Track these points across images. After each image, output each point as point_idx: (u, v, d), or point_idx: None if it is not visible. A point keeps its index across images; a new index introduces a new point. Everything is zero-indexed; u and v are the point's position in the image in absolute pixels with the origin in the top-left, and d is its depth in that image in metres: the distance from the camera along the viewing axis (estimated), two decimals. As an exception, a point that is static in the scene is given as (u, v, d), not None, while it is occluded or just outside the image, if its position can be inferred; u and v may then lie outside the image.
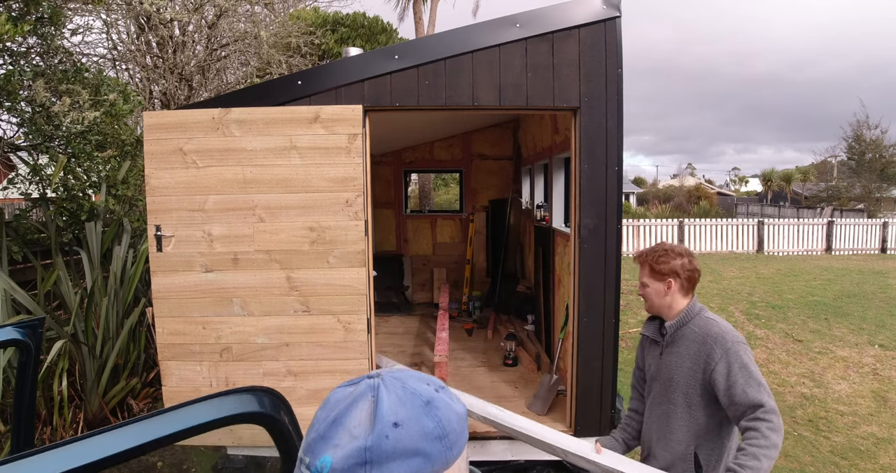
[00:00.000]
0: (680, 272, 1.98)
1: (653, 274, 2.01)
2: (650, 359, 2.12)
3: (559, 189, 5.06)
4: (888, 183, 21.03)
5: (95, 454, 1.01)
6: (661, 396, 2.03)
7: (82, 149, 4.61)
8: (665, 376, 2.01)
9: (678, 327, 1.99)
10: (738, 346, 1.87)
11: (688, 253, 2.03)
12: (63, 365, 3.79)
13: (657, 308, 2.05)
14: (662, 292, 2.01)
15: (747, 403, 1.77)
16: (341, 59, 3.39)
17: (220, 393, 1.25)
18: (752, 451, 1.72)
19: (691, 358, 1.93)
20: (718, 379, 1.84)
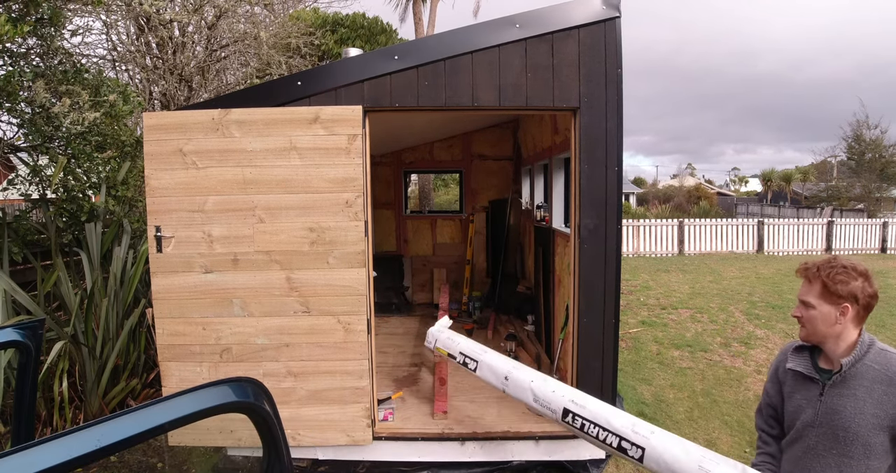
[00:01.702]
0: (860, 296, 1.63)
1: (824, 295, 1.65)
2: (801, 401, 1.74)
3: (559, 189, 5.06)
4: (888, 183, 21.02)
5: (80, 449, 1.02)
6: (829, 449, 1.67)
7: (82, 149, 4.61)
8: (835, 423, 1.65)
9: (853, 363, 1.64)
10: None
11: (868, 275, 1.68)
12: (63, 366, 3.78)
13: (821, 336, 1.69)
14: (833, 319, 1.66)
15: None
16: (341, 60, 3.39)
17: (204, 385, 1.26)
18: None
19: (874, 403, 1.59)
20: None
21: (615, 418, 2.32)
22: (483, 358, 3.12)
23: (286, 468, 1.43)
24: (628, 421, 2.29)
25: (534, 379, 2.76)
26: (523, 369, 2.90)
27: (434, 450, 3.54)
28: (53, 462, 0.97)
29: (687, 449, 2.05)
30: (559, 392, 2.60)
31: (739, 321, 7.04)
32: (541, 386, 2.71)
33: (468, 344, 3.30)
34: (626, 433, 2.23)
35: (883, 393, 1.58)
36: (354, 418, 3.32)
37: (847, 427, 1.62)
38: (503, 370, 2.95)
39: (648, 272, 11.17)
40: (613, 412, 2.38)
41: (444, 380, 4.08)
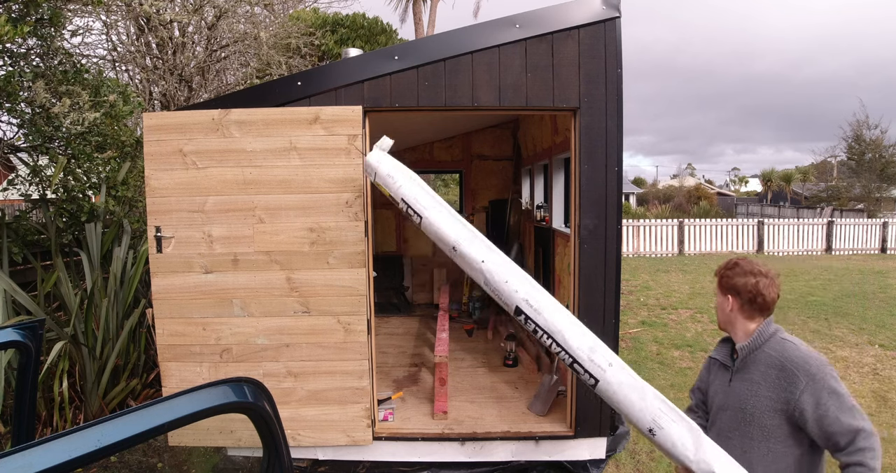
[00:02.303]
0: (741, 291, 1.81)
1: (720, 288, 1.89)
2: (717, 386, 1.92)
3: (559, 189, 5.06)
4: (888, 183, 21.00)
5: (80, 449, 1.02)
6: (733, 429, 1.82)
7: (82, 150, 4.61)
8: (737, 406, 1.81)
9: (751, 350, 1.81)
10: (824, 370, 1.69)
11: (760, 274, 1.81)
12: (63, 367, 3.78)
13: (723, 324, 1.91)
14: (725, 308, 1.87)
15: (842, 431, 1.62)
16: (341, 60, 3.39)
17: (204, 385, 1.26)
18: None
19: (769, 386, 1.74)
20: (807, 409, 1.67)
21: (573, 337, 2.07)
22: (428, 215, 2.53)
23: (286, 468, 1.43)
24: (586, 345, 2.05)
25: (485, 260, 2.34)
26: (475, 243, 2.43)
27: (434, 450, 3.54)
28: (53, 463, 0.97)
29: (644, 396, 1.90)
30: (513, 284, 2.24)
31: (739, 321, 7.04)
32: (492, 271, 2.31)
33: (413, 191, 2.61)
34: (580, 357, 2.04)
35: (776, 377, 1.73)
36: (354, 418, 3.32)
37: (744, 409, 1.78)
38: (451, 239, 2.47)
39: (648, 272, 11.17)
40: (573, 328, 2.11)
41: (445, 381, 4.07)
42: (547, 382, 4.00)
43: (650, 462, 3.66)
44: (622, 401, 1.93)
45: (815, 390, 1.66)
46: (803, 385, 1.68)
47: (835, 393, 1.65)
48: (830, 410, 1.64)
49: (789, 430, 1.73)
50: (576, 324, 2.13)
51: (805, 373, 1.69)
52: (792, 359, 1.72)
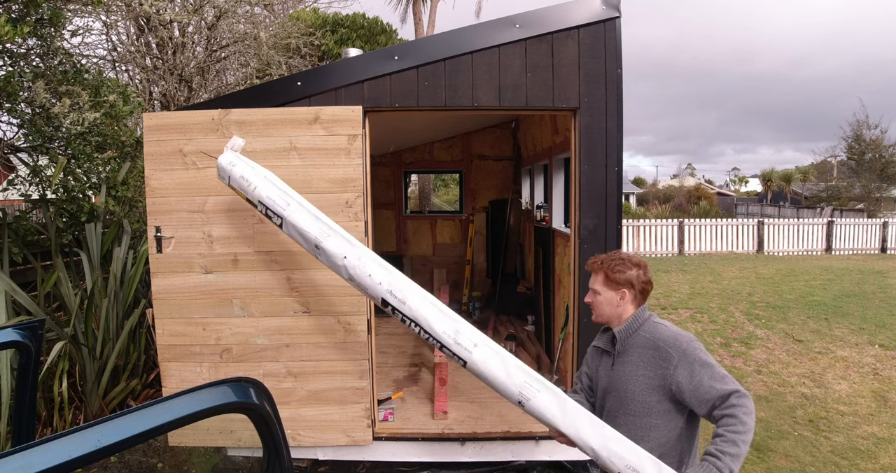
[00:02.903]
0: (635, 283, 1.94)
1: (607, 283, 1.95)
2: (601, 372, 2.03)
3: (559, 189, 5.06)
4: (888, 183, 21.00)
5: (80, 449, 1.02)
6: (618, 410, 1.94)
7: (82, 150, 4.61)
8: (619, 387, 1.93)
9: (628, 335, 1.93)
10: (693, 345, 1.85)
11: (644, 265, 1.98)
12: (63, 367, 3.78)
13: (607, 317, 1.99)
14: (616, 302, 1.95)
15: (717, 396, 1.75)
16: (341, 60, 3.39)
17: (204, 385, 1.26)
18: (731, 437, 1.71)
19: (645, 365, 1.87)
20: (682, 382, 1.80)
21: (437, 323, 2.17)
22: (287, 215, 2.49)
23: (286, 468, 1.43)
24: (451, 329, 2.16)
25: (347, 255, 2.37)
26: (336, 237, 2.44)
27: (434, 450, 3.53)
28: (54, 463, 0.97)
29: (509, 372, 2.03)
30: (376, 278, 2.31)
31: (739, 321, 7.04)
32: (355, 266, 2.35)
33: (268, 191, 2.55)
34: (447, 341, 2.15)
35: (650, 357, 1.87)
36: (354, 418, 3.32)
37: (626, 389, 1.90)
38: (312, 237, 2.44)
39: (648, 272, 11.17)
40: (436, 314, 2.20)
41: (445, 380, 4.07)
42: (547, 382, 3.99)
43: (650, 462, 3.66)
44: (490, 378, 2.07)
45: (687, 363, 1.80)
46: (676, 360, 1.81)
47: (706, 365, 1.80)
48: (704, 380, 1.77)
49: (669, 406, 1.85)
50: (439, 310, 2.22)
51: (676, 350, 1.83)
52: (664, 339, 1.86)
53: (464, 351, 2.12)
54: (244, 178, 2.59)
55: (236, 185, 2.63)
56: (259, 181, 2.56)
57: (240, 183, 2.60)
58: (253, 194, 2.55)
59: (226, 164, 2.66)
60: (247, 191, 2.57)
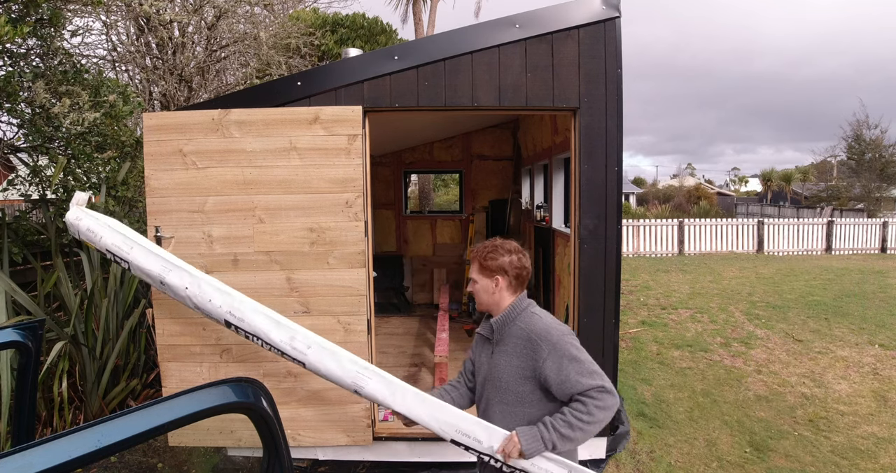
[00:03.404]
0: (508, 269, 1.95)
1: (482, 271, 1.98)
2: (482, 359, 2.07)
3: (559, 189, 5.06)
4: (888, 182, 20.99)
5: (81, 449, 1.02)
6: (494, 397, 1.98)
7: (82, 150, 4.61)
8: (496, 376, 1.96)
9: (503, 324, 1.95)
10: (564, 339, 1.85)
11: (518, 251, 2.00)
12: (63, 367, 3.78)
13: (486, 305, 2.01)
14: (491, 289, 1.97)
15: (581, 390, 1.79)
16: (341, 60, 3.39)
17: (204, 385, 1.26)
18: (570, 419, 1.77)
19: (518, 356, 1.90)
20: (550, 375, 1.83)
21: (273, 332, 2.40)
22: (132, 258, 2.63)
23: (286, 468, 1.43)
24: (287, 336, 2.38)
25: (188, 286, 2.53)
26: (177, 271, 2.58)
27: (434, 450, 3.54)
28: (53, 463, 0.97)
29: (343, 366, 2.26)
30: (216, 302, 2.49)
31: (739, 321, 7.04)
32: (197, 295, 2.52)
33: (113, 239, 2.68)
34: (284, 348, 2.38)
35: (523, 348, 1.89)
36: (354, 418, 3.32)
37: (501, 378, 1.94)
38: (156, 275, 2.59)
39: (648, 272, 11.17)
40: (271, 325, 2.42)
41: (445, 380, 4.07)
42: (547, 382, 3.99)
43: (650, 462, 3.66)
44: (327, 373, 2.29)
45: (556, 357, 1.83)
46: (546, 353, 1.84)
47: (575, 359, 1.82)
48: (571, 374, 1.80)
49: (541, 395, 1.90)
50: (275, 322, 2.46)
51: (547, 343, 1.85)
52: (536, 331, 1.88)
53: (300, 354, 2.36)
54: (90, 230, 2.71)
55: (84, 238, 2.75)
56: (104, 231, 2.71)
57: (87, 235, 2.72)
58: (100, 243, 2.69)
59: (73, 220, 2.77)
60: (95, 243, 2.71)
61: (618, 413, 3.72)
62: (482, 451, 1.96)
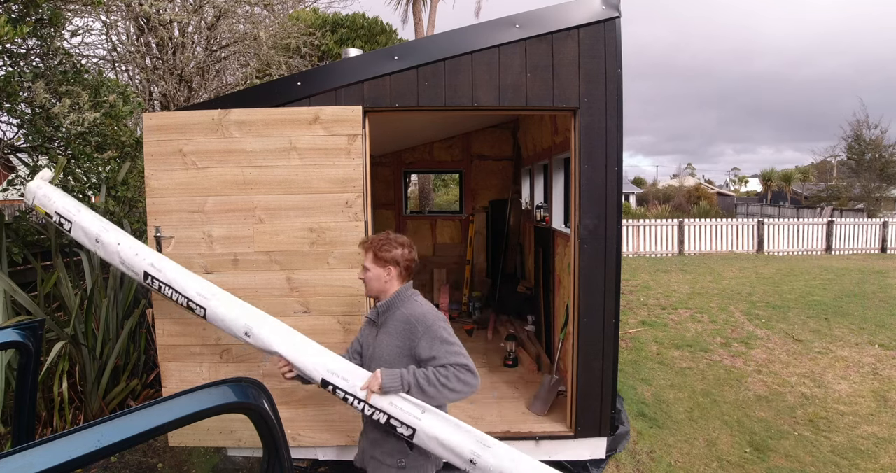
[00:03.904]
0: (400, 260, 2.19)
1: (376, 261, 2.19)
2: (368, 340, 2.29)
3: (559, 189, 5.06)
4: (888, 182, 20.99)
5: (81, 449, 1.02)
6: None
7: (82, 150, 4.61)
8: (378, 354, 2.18)
9: (388, 308, 2.18)
10: (438, 324, 2.09)
11: (409, 245, 2.24)
12: (63, 367, 3.78)
13: (376, 292, 2.22)
14: (383, 278, 2.19)
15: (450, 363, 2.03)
16: (341, 60, 3.39)
17: (204, 385, 1.26)
18: (429, 376, 2.01)
19: (398, 336, 2.12)
20: (423, 353, 2.06)
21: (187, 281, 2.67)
22: (77, 219, 2.94)
23: (286, 468, 1.43)
24: (197, 285, 2.65)
25: (120, 242, 2.81)
26: (113, 231, 2.89)
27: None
28: (53, 463, 0.97)
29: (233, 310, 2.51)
30: (142, 255, 2.74)
31: (739, 321, 7.04)
32: (126, 250, 2.78)
33: (63, 203, 3.01)
34: (192, 296, 2.63)
35: (403, 329, 2.12)
36: (354, 418, 3.32)
37: (382, 356, 2.17)
38: (93, 232, 2.88)
39: (648, 272, 11.17)
40: (185, 276, 2.68)
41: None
42: (547, 382, 4.00)
43: (650, 462, 3.66)
44: (223, 318, 2.54)
45: (429, 338, 2.06)
46: (421, 334, 2.07)
47: (446, 341, 2.06)
48: (441, 353, 2.03)
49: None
50: (187, 274, 2.72)
51: (423, 325, 2.08)
52: (415, 315, 2.11)
53: (204, 300, 2.60)
54: (46, 196, 3.04)
55: (39, 203, 3.06)
56: (57, 196, 3.04)
57: (42, 200, 3.04)
58: (52, 206, 2.99)
59: (34, 187, 3.09)
60: (47, 206, 3.01)
61: (618, 413, 3.72)
62: (347, 390, 2.17)
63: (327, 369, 2.25)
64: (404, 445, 2.16)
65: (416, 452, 2.17)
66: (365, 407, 2.15)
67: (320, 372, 2.25)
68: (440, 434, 2.08)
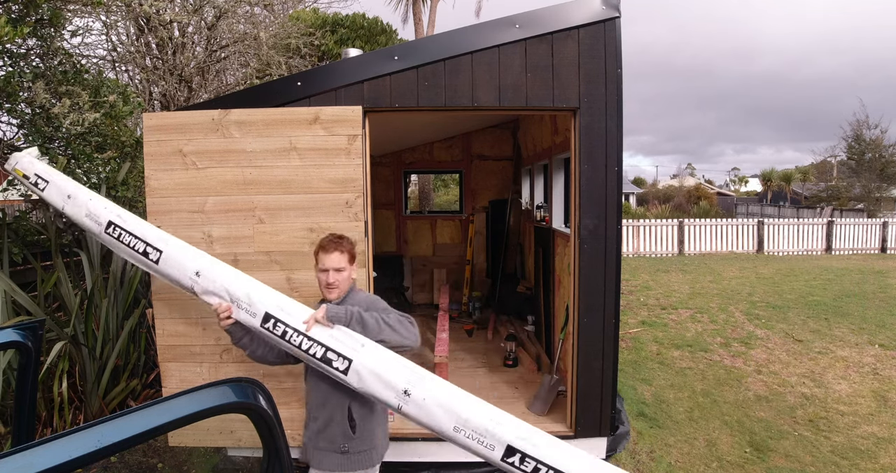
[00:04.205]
0: (356, 257, 2.40)
1: (351, 260, 2.33)
2: None
3: (559, 189, 5.06)
4: (888, 183, 20.98)
5: (81, 449, 1.02)
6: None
7: (82, 150, 4.61)
8: None
9: (344, 301, 2.32)
10: (381, 303, 2.32)
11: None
12: (63, 367, 3.78)
13: (344, 289, 2.35)
14: (351, 275, 2.36)
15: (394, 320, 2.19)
16: (341, 61, 3.39)
17: (204, 385, 1.26)
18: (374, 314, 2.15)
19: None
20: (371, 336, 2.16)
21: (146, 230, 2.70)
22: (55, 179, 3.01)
23: (286, 468, 1.43)
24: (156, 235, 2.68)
25: (92, 198, 2.85)
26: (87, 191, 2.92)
27: (434, 450, 3.54)
28: (53, 463, 0.97)
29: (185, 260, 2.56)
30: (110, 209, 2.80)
31: (739, 321, 7.04)
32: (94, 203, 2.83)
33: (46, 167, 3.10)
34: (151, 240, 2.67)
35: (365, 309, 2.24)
36: (354, 418, 3.32)
37: None
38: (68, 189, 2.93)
39: (648, 272, 11.17)
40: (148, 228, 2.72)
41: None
42: (547, 382, 4.00)
43: (650, 462, 3.66)
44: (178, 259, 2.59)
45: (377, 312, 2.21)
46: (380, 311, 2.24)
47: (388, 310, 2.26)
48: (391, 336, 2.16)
49: None
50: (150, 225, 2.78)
51: (378, 307, 2.30)
52: (370, 298, 2.37)
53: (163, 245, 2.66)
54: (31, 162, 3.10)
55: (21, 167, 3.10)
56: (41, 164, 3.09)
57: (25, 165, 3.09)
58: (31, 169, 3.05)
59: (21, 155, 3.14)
60: (27, 169, 3.06)
61: (618, 413, 3.72)
62: (289, 323, 2.21)
63: (275, 304, 2.27)
64: (347, 429, 2.21)
65: (359, 437, 2.24)
66: (303, 341, 2.15)
67: (266, 305, 2.26)
68: (377, 366, 2.06)
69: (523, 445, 1.93)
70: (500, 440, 1.94)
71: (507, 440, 1.94)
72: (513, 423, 1.99)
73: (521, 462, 1.90)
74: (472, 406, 2.03)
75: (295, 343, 2.17)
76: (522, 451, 1.91)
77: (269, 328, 2.23)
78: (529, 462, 1.91)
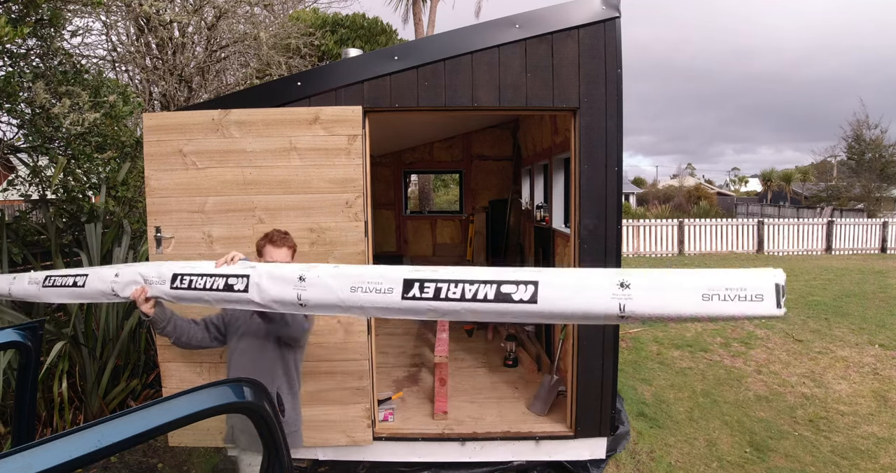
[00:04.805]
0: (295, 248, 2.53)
1: (292, 255, 2.47)
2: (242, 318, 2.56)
3: (559, 189, 5.06)
4: (888, 182, 20.99)
5: (81, 449, 1.02)
6: (253, 346, 2.50)
7: (82, 150, 4.61)
8: (253, 331, 2.49)
9: None
10: None
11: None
12: (63, 367, 3.78)
13: None
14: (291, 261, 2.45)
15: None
16: (341, 61, 3.39)
17: (204, 385, 1.26)
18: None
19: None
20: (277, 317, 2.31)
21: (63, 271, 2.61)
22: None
23: (286, 468, 1.43)
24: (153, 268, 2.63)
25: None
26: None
27: (434, 451, 3.54)
28: (53, 463, 0.97)
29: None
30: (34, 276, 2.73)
31: (739, 321, 7.03)
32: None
33: None
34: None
35: None
36: (355, 418, 3.32)
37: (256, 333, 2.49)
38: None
39: (648, 272, 11.16)
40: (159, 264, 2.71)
41: (445, 381, 4.07)
42: (547, 382, 4.00)
43: (650, 462, 3.66)
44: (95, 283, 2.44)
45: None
46: None
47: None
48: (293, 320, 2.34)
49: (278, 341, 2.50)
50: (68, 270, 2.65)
51: None
52: None
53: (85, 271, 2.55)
54: None
55: None
56: None
57: None
58: None
59: None
60: None
61: (618, 413, 3.72)
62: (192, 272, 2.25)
63: (181, 265, 2.30)
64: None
65: (287, 420, 2.42)
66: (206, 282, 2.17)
67: (173, 268, 2.28)
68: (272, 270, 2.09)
69: (417, 275, 1.92)
70: (395, 278, 1.92)
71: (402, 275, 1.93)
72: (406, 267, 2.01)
73: (420, 290, 1.88)
74: (360, 268, 2.07)
75: (199, 286, 2.17)
76: (419, 278, 1.90)
77: (177, 286, 2.22)
78: (429, 285, 1.88)
